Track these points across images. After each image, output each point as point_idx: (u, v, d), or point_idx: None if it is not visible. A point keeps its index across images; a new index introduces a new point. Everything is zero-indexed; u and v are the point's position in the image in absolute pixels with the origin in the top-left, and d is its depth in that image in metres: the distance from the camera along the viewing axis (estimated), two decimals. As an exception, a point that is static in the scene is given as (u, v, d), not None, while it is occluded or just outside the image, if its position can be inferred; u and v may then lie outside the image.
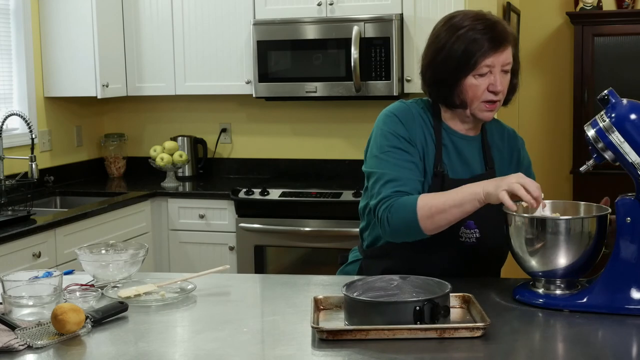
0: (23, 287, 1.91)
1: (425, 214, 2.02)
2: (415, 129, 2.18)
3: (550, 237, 1.90)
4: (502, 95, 2.15)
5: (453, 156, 2.20)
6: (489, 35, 2.10)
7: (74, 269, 2.40)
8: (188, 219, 4.43)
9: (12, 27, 4.42)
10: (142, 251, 2.24)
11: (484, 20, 2.13)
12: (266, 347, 1.76)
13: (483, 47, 2.10)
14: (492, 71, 2.12)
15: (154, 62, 4.74)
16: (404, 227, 2.06)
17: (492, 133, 2.28)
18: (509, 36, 2.14)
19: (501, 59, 2.12)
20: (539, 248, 1.91)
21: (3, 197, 3.88)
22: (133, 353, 1.69)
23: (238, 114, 4.97)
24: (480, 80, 2.12)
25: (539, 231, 1.91)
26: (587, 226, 1.90)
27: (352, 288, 1.84)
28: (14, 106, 4.40)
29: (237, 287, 2.28)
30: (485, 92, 2.13)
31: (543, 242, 1.90)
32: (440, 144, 2.18)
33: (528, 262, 1.95)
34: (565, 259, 1.90)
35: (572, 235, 1.89)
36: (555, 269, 1.91)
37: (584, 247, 1.90)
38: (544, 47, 5.20)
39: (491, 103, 2.14)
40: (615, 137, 1.84)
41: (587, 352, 1.66)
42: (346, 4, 4.34)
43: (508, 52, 2.13)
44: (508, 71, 2.15)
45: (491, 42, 2.10)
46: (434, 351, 1.65)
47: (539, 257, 1.92)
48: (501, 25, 2.14)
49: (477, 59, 2.10)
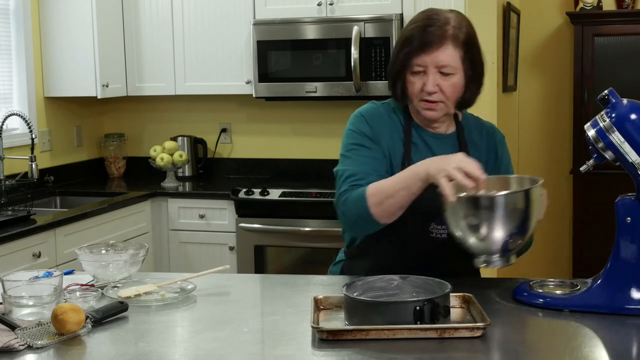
0: (23, 287, 1.91)
1: (375, 201, 2.04)
2: (381, 128, 2.20)
3: (484, 213, 1.88)
4: (442, 97, 2.13)
5: (424, 153, 2.19)
6: (423, 34, 2.10)
7: (74, 269, 2.40)
8: (188, 219, 4.44)
9: (12, 27, 4.42)
10: (142, 251, 2.24)
11: (428, 19, 2.13)
12: (266, 347, 1.76)
13: (414, 46, 2.11)
14: (425, 71, 2.12)
15: (154, 62, 4.74)
16: (358, 218, 2.08)
17: (469, 130, 2.27)
18: (447, 38, 2.10)
19: (435, 60, 2.10)
20: (475, 226, 1.90)
21: (3, 197, 3.88)
22: (133, 353, 1.69)
23: (238, 114, 4.97)
24: (415, 78, 2.13)
25: (473, 210, 1.89)
26: (520, 200, 1.90)
27: (352, 288, 1.84)
28: (14, 106, 4.40)
29: (237, 287, 2.28)
30: (421, 91, 2.13)
31: (478, 220, 1.89)
32: (409, 142, 2.19)
33: (466, 242, 1.94)
34: (501, 234, 1.89)
35: (506, 211, 1.88)
36: (493, 244, 1.91)
37: (518, 221, 1.90)
38: (544, 47, 5.20)
39: (429, 102, 2.14)
40: (615, 137, 1.84)
41: (587, 352, 1.66)
42: (346, 4, 4.34)
43: (445, 53, 2.10)
44: (448, 73, 2.11)
45: (422, 42, 2.10)
46: (434, 351, 1.65)
47: (476, 235, 1.91)
48: (444, 25, 2.11)
49: (409, 57, 2.12)
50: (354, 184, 2.12)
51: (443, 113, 2.17)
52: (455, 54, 2.11)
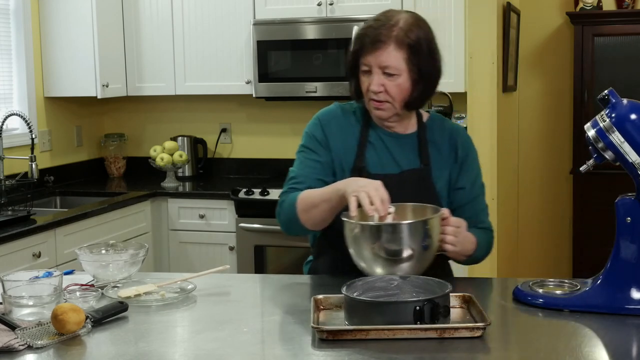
0: (23, 287, 1.91)
1: (302, 208, 2.14)
2: (335, 131, 2.26)
3: (385, 240, 1.94)
4: (387, 97, 2.16)
5: (381, 153, 2.24)
6: (370, 34, 2.15)
7: (74, 269, 2.40)
8: (188, 219, 4.43)
9: (12, 27, 4.42)
10: (142, 251, 2.24)
11: (380, 20, 2.17)
12: (266, 347, 1.76)
13: (361, 45, 2.16)
14: (371, 71, 2.16)
15: (154, 62, 4.74)
16: (289, 221, 2.19)
17: (432, 131, 2.29)
18: (389, 39, 2.12)
19: (378, 60, 2.14)
20: (373, 253, 1.95)
21: (3, 197, 3.88)
22: (133, 353, 1.69)
23: (238, 114, 4.97)
24: (364, 78, 2.19)
25: (375, 237, 1.95)
26: (420, 229, 1.95)
27: (352, 288, 1.84)
28: (14, 106, 4.40)
29: (237, 287, 2.28)
30: (368, 91, 2.18)
31: (372, 247, 1.95)
32: (364, 141, 2.24)
33: (369, 268, 1.99)
34: (402, 261, 1.94)
35: (406, 239, 1.93)
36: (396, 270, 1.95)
37: (418, 249, 1.94)
38: (544, 47, 5.19)
39: (377, 102, 2.18)
40: (615, 137, 1.84)
41: (587, 352, 1.66)
42: (346, 4, 4.34)
43: (386, 54, 2.12)
44: (392, 74, 2.14)
45: (369, 42, 2.14)
46: (434, 351, 1.65)
47: (374, 262, 1.97)
48: (388, 26, 2.13)
49: (357, 57, 2.18)
50: (292, 187, 2.22)
51: (392, 113, 2.20)
52: (398, 56, 2.13)
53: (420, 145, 2.25)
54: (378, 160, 2.23)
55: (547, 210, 5.24)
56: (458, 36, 4.16)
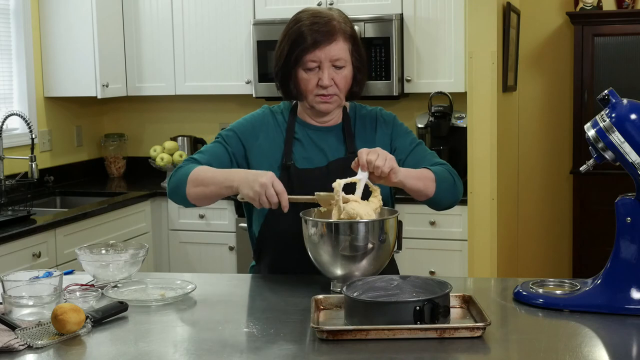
0: (23, 287, 1.91)
1: (192, 181, 2.19)
2: (260, 132, 2.31)
3: (342, 238, 1.98)
4: (336, 89, 2.23)
5: (309, 147, 2.29)
6: (314, 30, 2.20)
7: (74, 269, 2.40)
8: (188, 219, 4.43)
9: (12, 27, 4.42)
10: (142, 251, 2.24)
11: (316, 17, 2.23)
12: (266, 347, 1.76)
13: (306, 43, 2.20)
14: (320, 66, 2.21)
15: (154, 62, 4.74)
16: (176, 187, 2.23)
17: (354, 119, 2.35)
18: (336, 32, 2.21)
19: (328, 54, 2.20)
20: (333, 251, 1.99)
21: (3, 197, 3.88)
22: (133, 353, 1.69)
23: (238, 114, 4.94)
24: (310, 74, 2.22)
25: (327, 235, 1.99)
26: (376, 228, 1.99)
27: (352, 288, 1.85)
28: (14, 106, 4.40)
29: (237, 287, 2.28)
30: (317, 87, 2.22)
31: (326, 246, 2.00)
32: (291, 139, 2.29)
33: (317, 263, 2.05)
34: (360, 259, 1.98)
35: (363, 237, 1.98)
36: (354, 269, 2.00)
37: (375, 247, 1.98)
38: (544, 47, 5.19)
39: (325, 96, 2.23)
40: (615, 137, 1.84)
41: (587, 352, 1.66)
42: (346, 4, 4.34)
43: (337, 47, 2.20)
44: (342, 66, 2.22)
45: (315, 38, 2.19)
46: (434, 351, 1.65)
47: (329, 260, 2.02)
48: (331, 21, 2.22)
49: (301, 54, 2.20)
50: (194, 158, 2.28)
51: (337, 105, 2.28)
52: (345, 47, 2.23)
53: (345, 134, 2.31)
54: (306, 155, 2.28)
55: (547, 210, 5.24)
56: (458, 36, 4.15)
